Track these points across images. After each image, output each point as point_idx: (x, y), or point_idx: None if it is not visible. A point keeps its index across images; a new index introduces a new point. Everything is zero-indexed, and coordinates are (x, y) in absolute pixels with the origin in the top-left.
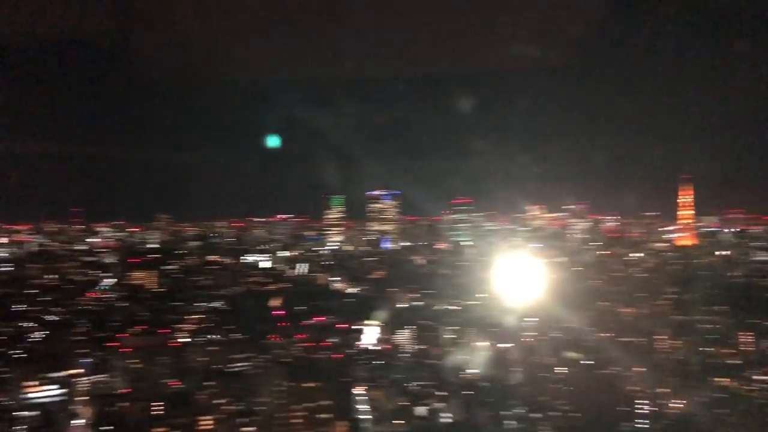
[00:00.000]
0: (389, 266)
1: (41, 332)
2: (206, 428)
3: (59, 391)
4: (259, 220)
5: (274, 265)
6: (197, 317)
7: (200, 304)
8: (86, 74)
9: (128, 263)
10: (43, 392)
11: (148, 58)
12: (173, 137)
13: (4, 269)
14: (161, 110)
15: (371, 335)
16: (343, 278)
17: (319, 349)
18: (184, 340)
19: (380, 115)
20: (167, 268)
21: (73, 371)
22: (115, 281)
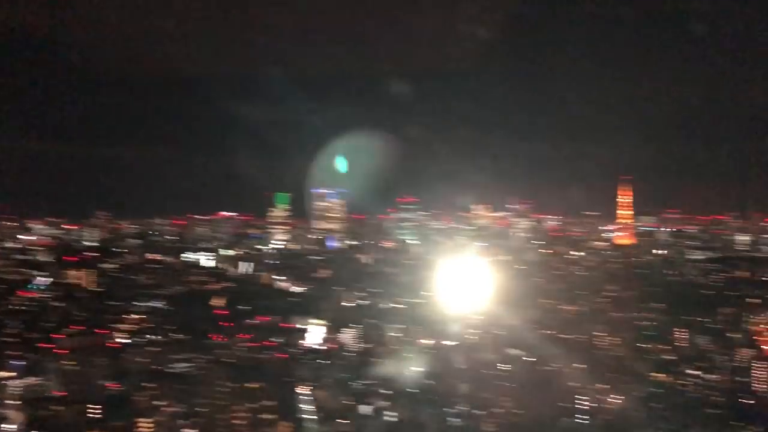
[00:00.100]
0: (335, 265)
1: None
2: (146, 431)
3: None
4: (201, 217)
5: (216, 263)
6: (137, 317)
7: (140, 303)
8: (21, 66)
9: (64, 261)
10: None
11: (86, 50)
12: (113, 132)
13: None
14: (99, 104)
15: (316, 334)
16: (288, 277)
17: (263, 348)
18: (122, 340)
19: (322, 111)
20: (105, 266)
21: (3, 374)
22: (50, 280)
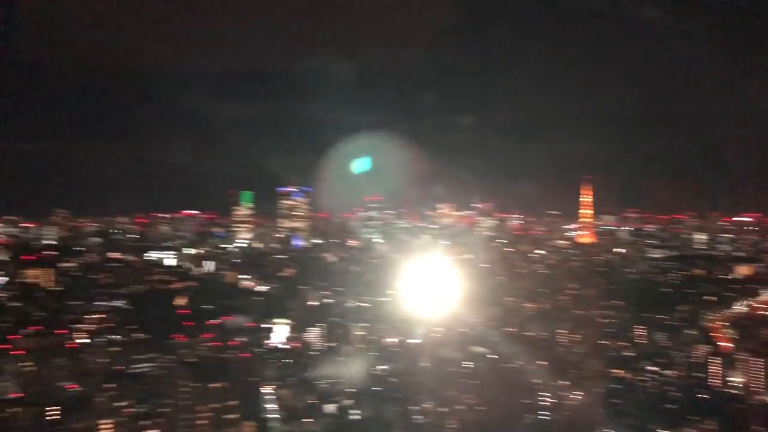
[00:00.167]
0: (300, 264)
1: None
2: None
3: None
4: (163, 215)
5: (179, 262)
6: (97, 317)
7: (100, 303)
8: None
9: (22, 260)
10: None
11: (42, 47)
12: (72, 129)
13: None
14: (58, 101)
15: (280, 333)
16: (252, 276)
17: (226, 348)
18: (82, 341)
19: (289, 110)
20: (65, 265)
21: None
22: (6, 279)
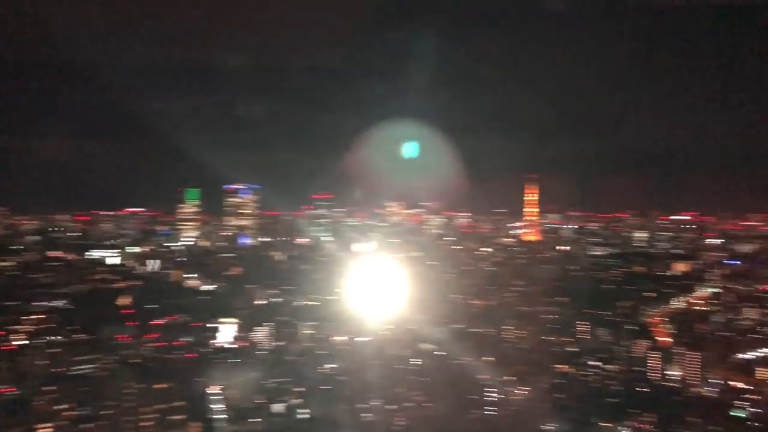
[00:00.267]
0: (247, 262)
1: None
2: None
3: None
4: (106, 213)
5: (123, 261)
6: (36, 317)
7: (39, 303)
8: None
9: None
10: None
11: None
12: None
13: None
14: None
15: (228, 333)
16: (198, 275)
17: (171, 348)
18: (20, 342)
19: (236, 106)
20: (1, 264)
21: None
22: None
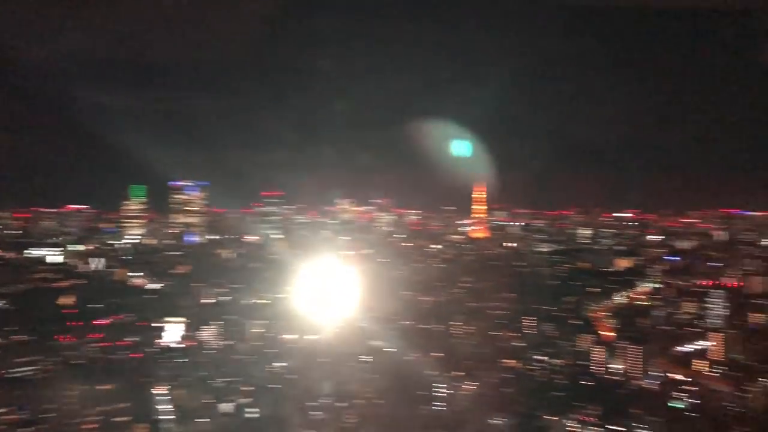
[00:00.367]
0: (194, 260)
1: None
2: None
3: None
4: (47, 210)
5: (65, 259)
6: None
7: None
8: None
9: None
10: None
11: None
12: None
13: None
14: None
15: (174, 332)
16: (144, 273)
17: (116, 348)
18: None
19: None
20: None
21: None
22: None
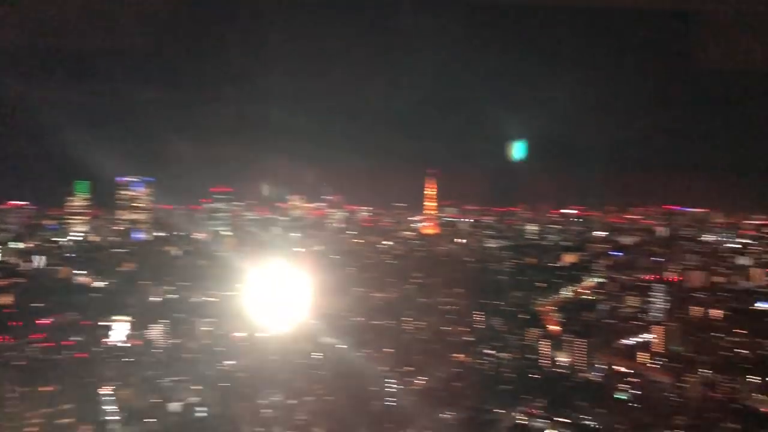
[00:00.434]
0: (140, 258)
1: None
2: None
3: None
4: None
5: (4, 257)
6: None
7: None
8: None
9: None
10: None
11: None
12: None
13: None
14: None
15: (120, 331)
16: (88, 271)
17: (60, 348)
18: None
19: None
20: None
21: None
22: None
